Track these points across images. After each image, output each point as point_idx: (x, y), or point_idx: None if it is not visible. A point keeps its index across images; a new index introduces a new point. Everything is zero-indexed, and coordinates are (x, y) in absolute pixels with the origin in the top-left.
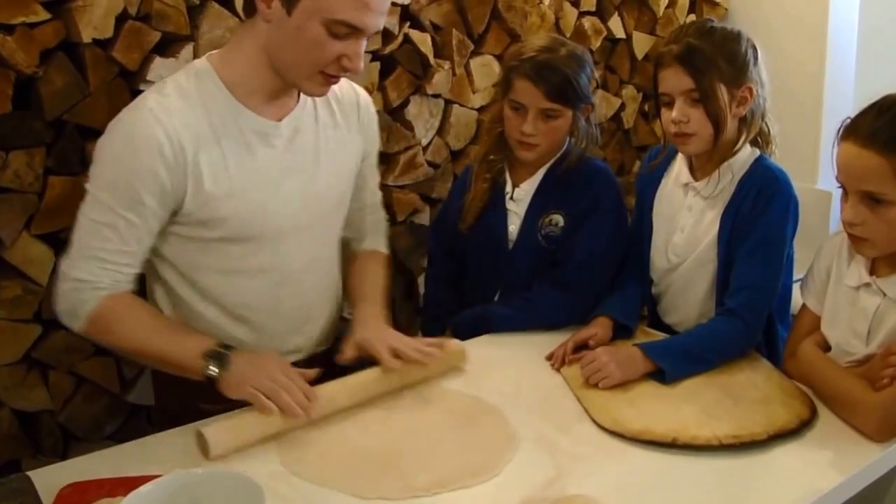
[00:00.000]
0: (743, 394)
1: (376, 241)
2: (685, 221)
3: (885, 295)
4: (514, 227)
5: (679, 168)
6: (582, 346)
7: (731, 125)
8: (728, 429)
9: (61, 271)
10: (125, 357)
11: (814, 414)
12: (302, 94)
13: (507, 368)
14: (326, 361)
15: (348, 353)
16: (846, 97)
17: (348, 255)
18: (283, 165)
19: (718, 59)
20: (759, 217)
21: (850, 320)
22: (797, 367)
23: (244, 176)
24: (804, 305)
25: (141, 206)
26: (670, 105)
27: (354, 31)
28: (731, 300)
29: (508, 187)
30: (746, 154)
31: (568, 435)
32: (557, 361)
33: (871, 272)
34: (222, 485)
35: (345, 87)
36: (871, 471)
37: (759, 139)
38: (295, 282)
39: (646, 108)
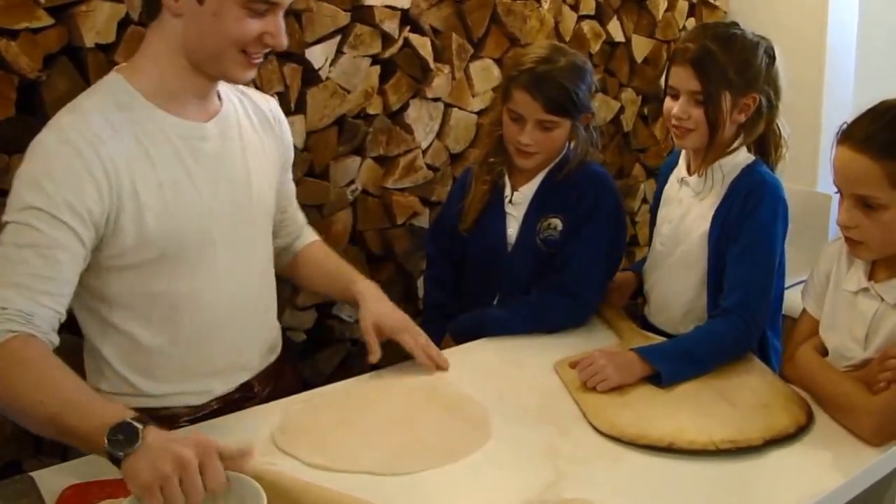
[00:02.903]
0: (740, 398)
1: (311, 234)
2: (674, 213)
3: (882, 300)
4: (512, 230)
5: (681, 163)
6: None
7: (729, 129)
8: (725, 433)
9: None
10: (11, 416)
11: (811, 419)
12: (224, 99)
13: (505, 371)
14: (275, 373)
15: (375, 347)
16: (845, 101)
17: (291, 258)
18: (216, 171)
19: (730, 68)
20: (748, 218)
21: (849, 325)
22: (795, 371)
23: (179, 186)
24: (804, 310)
25: (63, 226)
26: (675, 98)
27: (271, 5)
28: (725, 301)
29: (508, 191)
30: (741, 158)
31: (566, 438)
32: None
33: (870, 277)
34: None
35: (255, 95)
36: (869, 474)
37: (768, 143)
38: (239, 294)
39: (645, 111)
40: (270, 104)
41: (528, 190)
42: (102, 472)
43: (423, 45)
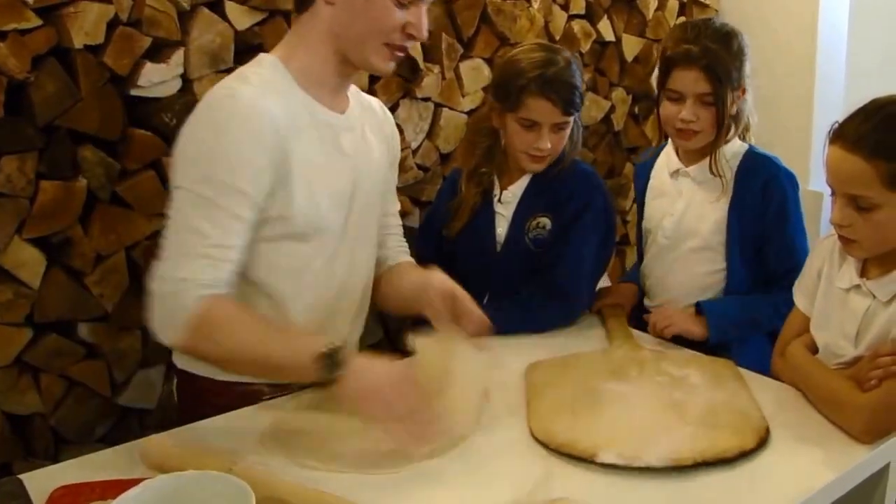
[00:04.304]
0: (695, 415)
1: (404, 255)
2: (676, 206)
3: (874, 297)
4: (501, 229)
5: (667, 157)
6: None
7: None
8: (661, 451)
9: (158, 276)
10: (227, 369)
11: (762, 444)
12: (350, 95)
13: (493, 370)
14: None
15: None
16: (835, 99)
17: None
18: (350, 163)
19: (732, 66)
20: (774, 204)
21: (840, 322)
22: (786, 367)
23: (322, 170)
24: (795, 306)
25: (241, 195)
26: (677, 101)
27: None
28: (787, 279)
29: (496, 190)
30: (737, 146)
31: None
32: (597, 307)
33: (862, 274)
34: (212, 487)
35: (362, 95)
36: (859, 471)
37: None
38: (348, 287)
39: (636, 110)
40: (385, 112)
41: (517, 188)
42: (91, 474)
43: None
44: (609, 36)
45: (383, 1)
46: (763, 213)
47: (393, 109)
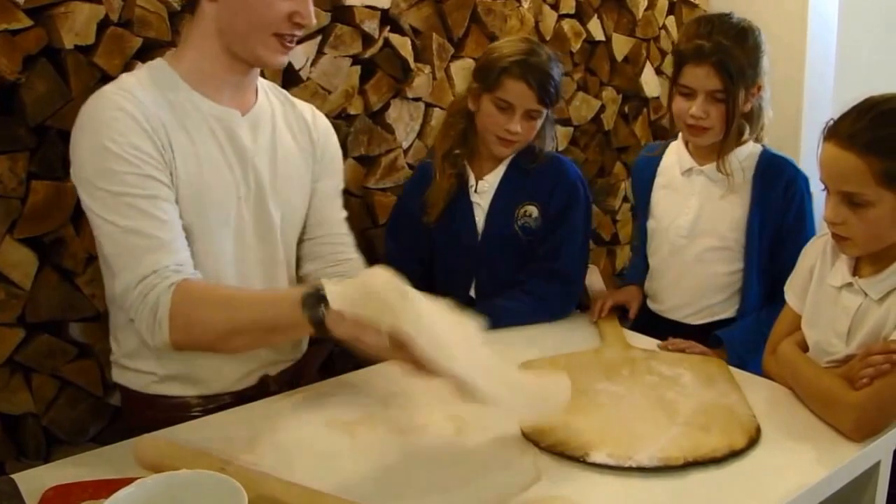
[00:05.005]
0: (685, 415)
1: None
2: (691, 204)
3: (866, 295)
4: (479, 218)
5: (678, 155)
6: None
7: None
8: (651, 451)
9: (121, 292)
10: (226, 348)
11: (752, 443)
12: (260, 97)
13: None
14: (294, 375)
15: None
16: (825, 96)
17: None
18: (246, 159)
19: (746, 65)
20: (794, 206)
21: (831, 320)
22: (777, 365)
23: (213, 162)
24: (786, 304)
25: (150, 179)
26: (689, 97)
27: None
28: None
29: (472, 180)
30: (750, 146)
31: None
32: (595, 315)
33: (854, 272)
34: (204, 486)
35: (303, 106)
36: (851, 469)
37: (754, 121)
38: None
39: (625, 109)
40: (317, 119)
41: (493, 178)
42: (84, 473)
43: (404, 45)
44: (599, 35)
45: None
46: (784, 213)
47: (384, 109)
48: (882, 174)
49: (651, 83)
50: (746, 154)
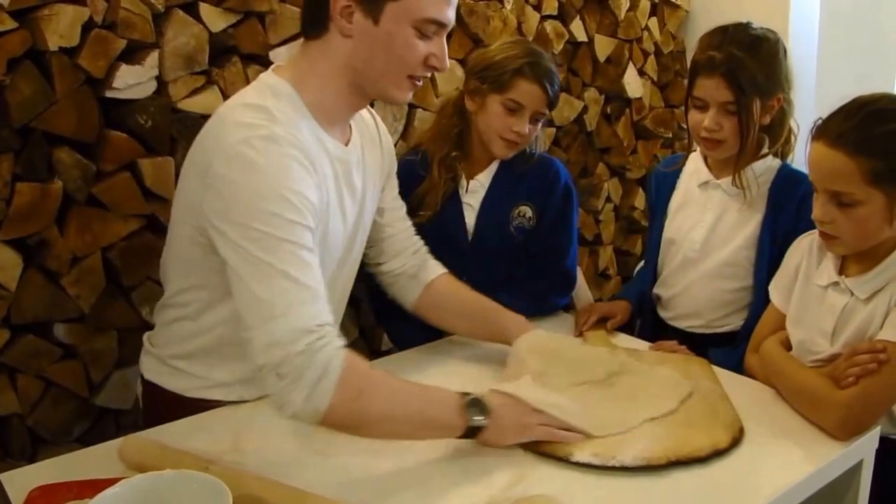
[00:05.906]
0: (668, 414)
1: (437, 266)
2: (706, 218)
3: (852, 294)
4: (470, 218)
5: (696, 167)
6: (602, 320)
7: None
8: (636, 450)
9: (276, 339)
10: (374, 432)
11: (735, 443)
12: (352, 125)
13: (471, 369)
14: None
15: None
16: (807, 95)
17: (420, 293)
18: (355, 199)
19: (759, 74)
20: (804, 223)
21: (817, 318)
22: (760, 363)
23: (332, 211)
24: (771, 303)
25: (310, 230)
26: (702, 109)
27: (440, 27)
28: None
29: (463, 180)
30: (768, 161)
31: None
32: (579, 329)
33: (841, 271)
34: (189, 487)
35: (362, 111)
36: (834, 467)
37: (779, 136)
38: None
39: (608, 110)
40: (377, 119)
41: (484, 178)
42: (69, 473)
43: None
44: (581, 36)
45: (405, 35)
46: (794, 228)
47: None
48: (870, 173)
49: (633, 84)
50: (763, 168)
